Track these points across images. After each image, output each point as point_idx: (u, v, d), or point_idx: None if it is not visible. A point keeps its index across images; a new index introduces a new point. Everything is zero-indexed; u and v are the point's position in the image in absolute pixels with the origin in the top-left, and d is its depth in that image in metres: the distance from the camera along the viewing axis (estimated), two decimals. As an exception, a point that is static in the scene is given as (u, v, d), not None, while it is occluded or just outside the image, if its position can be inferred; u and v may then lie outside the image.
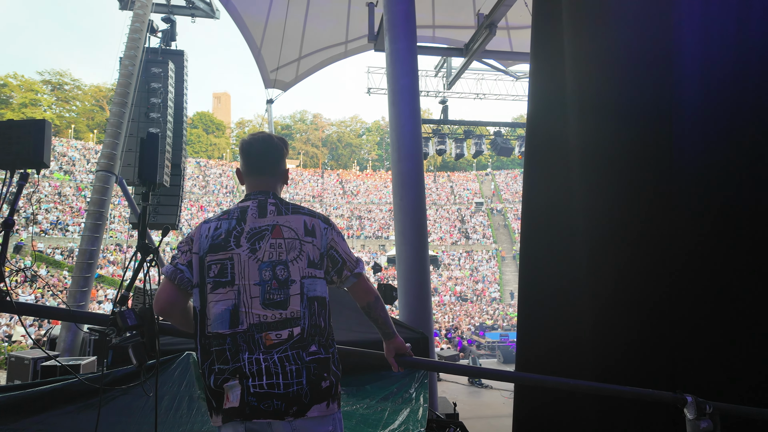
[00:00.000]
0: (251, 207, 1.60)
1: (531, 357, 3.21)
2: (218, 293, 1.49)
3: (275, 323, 1.47)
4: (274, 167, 1.69)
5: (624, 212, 2.69)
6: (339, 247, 1.63)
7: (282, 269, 1.50)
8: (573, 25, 3.05)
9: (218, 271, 1.51)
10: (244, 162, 1.69)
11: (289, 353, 1.45)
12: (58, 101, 52.32)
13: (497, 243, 40.65)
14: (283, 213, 1.59)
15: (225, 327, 1.47)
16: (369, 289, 1.71)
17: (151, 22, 10.76)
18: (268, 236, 1.53)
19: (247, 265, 1.50)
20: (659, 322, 2.49)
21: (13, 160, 1.98)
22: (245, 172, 1.69)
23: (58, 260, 25.50)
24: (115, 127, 8.62)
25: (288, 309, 1.48)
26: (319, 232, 1.59)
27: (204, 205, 38.37)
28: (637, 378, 2.35)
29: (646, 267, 2.58)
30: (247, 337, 1.45)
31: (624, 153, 2.70)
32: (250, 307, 1.47)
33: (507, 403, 8.68)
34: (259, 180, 1.67)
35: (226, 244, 1.53)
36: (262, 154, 1.67)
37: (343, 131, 70.09)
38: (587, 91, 2.93)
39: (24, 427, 2.52)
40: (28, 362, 5.58)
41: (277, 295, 1.48)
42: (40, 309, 2.54)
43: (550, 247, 3.16)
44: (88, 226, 8.39)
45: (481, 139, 15.13)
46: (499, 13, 9.23)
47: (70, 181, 33.76)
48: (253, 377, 1.42)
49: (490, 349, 17.90)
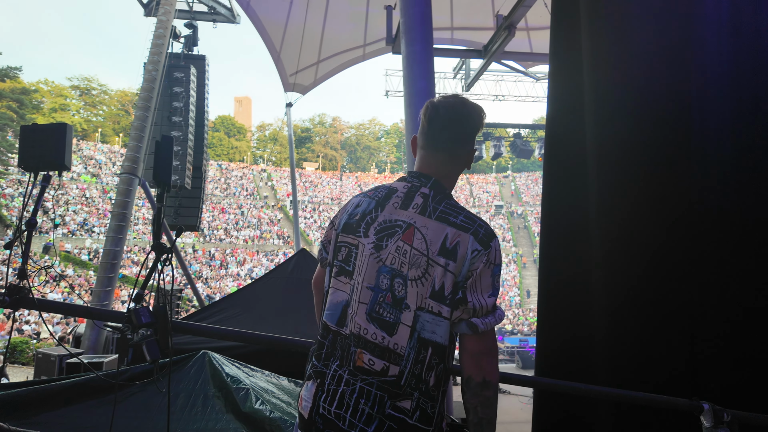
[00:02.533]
0: (399, 192, 1.27)
1: (549, 361, 3.17)
2: (340, 280, 1.27)
3: (374, 345, 1.16)
4: (456, 143, 1.28)
5: (642, 215, 2.64)
6: (476, 281, 1.16)
7: (400, 284, 1.16)
8: (591, 25, 3.01)
9: (345, 256, 1.26)
10: (421, 128, 1.31)
11: (372, 390, 1.14)
12: (85, 106, 53.99)
13: (517, 246, 40.21)
14: (426, 213, 1.20)
15: (333, 321, 1.25)
16: (482, 357, 1.17)
17: (174, 28, 11.04)
18: (398, 235, 1.19)
19: (368, 262, 1.21)
20: (677, 326, 2.44)
21: (37, 163, 2.05)
22: (420, 143, 1.32)
23: (84, 260, 26.25)
24: (138, 130, 8.84)
25: (393, 338, 1.15)
26: (461, 255, 1.15)
27: (225, 207, 39.00)
28: (653, 383, 2.30)
29: (666, 271, 2.53)
30: (345, 344, 1.20)
31: (642, 155, 2.65)
32: (355, 313, 1.20)
33: (525, 408, 8.57)
34: (431, 156, 1.29)
35: (357, 227, 1.26)
36: (447, 121, 1.26)
37: (361, 134, 70.41)
38: (604, 93, 2.88)
39: (46, 420, 2.60)
40: (54, 359, 5.75)
41: (388, 313, 1.17)
42: (58, 306, 2.64)
43: (568, 251, 3.11)
44: (112, 227, 8.62)
45: (500, 141, 15.00)
46: (518, 14, 9.15)
47: (96, 183, 34.75)
48: (326, 396, 1.18)
49: (509, 354, 17.71)
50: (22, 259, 1.95)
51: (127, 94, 55.06)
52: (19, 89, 31.24)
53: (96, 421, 2.60)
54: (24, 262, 1.94)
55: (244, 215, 38.17)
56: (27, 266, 1.90)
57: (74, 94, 53.37)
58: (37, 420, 2.59)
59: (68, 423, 2.65)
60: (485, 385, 1.16)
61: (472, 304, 1.15)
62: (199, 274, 29.01)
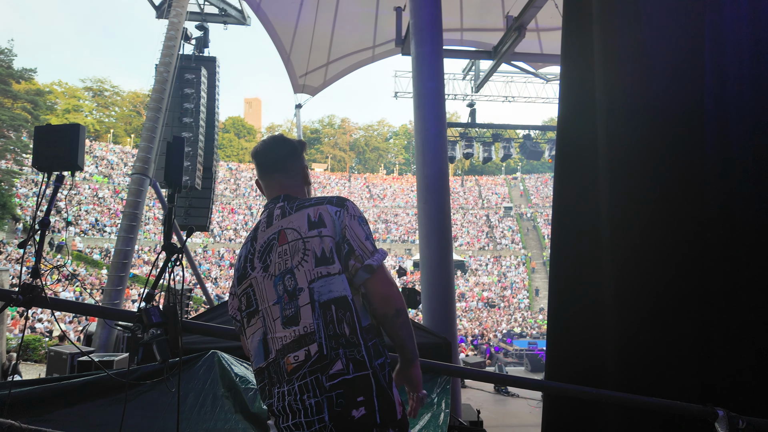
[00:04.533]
0: (262, 219, 1.44)
1: (559, 366, 3.14)
2: (252, 324, 1.37)
3: (292, 343, 1.25)
4: (284, 162, 1.50)
5: (654, 217, 2.60)
6: (350, 232, 1.33)
7: (290, 278, 1.29)
8: (603, 25, 2.98)
9: (246, 303, 1.39)
10: (256, 168, 1.53)
11: (307, 380, 1.21)
12: (98, 107, 54.69)
13: (526, 249, 39.94)
14: (287, 214, 1.37)
15: (261, 360, 1.33)
16: (387, 294, 1.32)
17: (186, 30, 11.14)
18: (275, 246, 1.34)
19: (264, 286, 1.34)
20: (690, 331, 2.40)
21: (50, 163, 2.08)
22: (260, 180, 1.54)
23: (96, 260, 26.56)
24: (150, 131, 8.93)
25: (300, 324, 1.25)
26: (329, 219, 1.32)
27: (234, 208, 39.26)
28: (667, 389, 2.26)
29: (678, 273, 2.49)
30: (275, 366, 1.28)
31: (653, 157, 2.61)
32: (274, 332, 1.30)
33: (534, 412, 8.49)
34: (273, 181, 1.50)
35: (245, 271, 1.41)
36: (268, 149, 1.51)
37: (370, 135, 70.48)
38: (616, 94, 2.85)
39: (57, 418, 2.63)
40: (66, 357, 5.81)
41: (290, 309, 1.28)
42: (70, 304, 2.66)
43: (579, 254, 3.08)
44: (123, 227, 8.71)
45: (509, 143, 14.91)
46: (528, 14, 9.11)
47: (108, 183, 35.16)
48: (282, 416, 1.25)
49: (518, 357, 17.58)
50: (35, 258, 1.98)
51: (139, 96, 55.70)
52: (33, 91, 31.69)
53: (106, 420, 2.62)
54: (37, 261, 1.96)
55: (253, 216, 38.40)
56: (40, 265, 1.92)
57: (87, 96, 54.10)
58: (48, 417, 2.62)
59: (79, 421, 2.68)
60: (398, 314, 1.32)
61: (359, 250, 1.32)
62: (209, 274, 29.22)
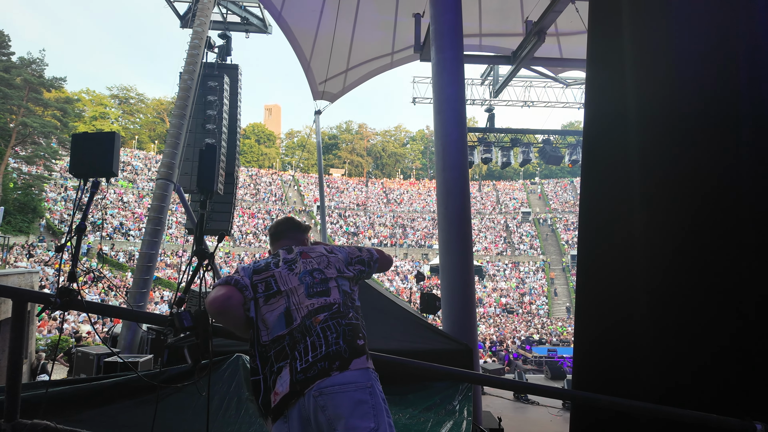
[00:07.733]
0: (280, 251, 1.95)
1: (588, 374, 3.07)
2: (270, 303, 1.74)
3: (321, 307, 1.73)
4: (296, 230, 2.10)
5: (688, 226, 2.54)
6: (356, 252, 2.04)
7: (318, 273, 1.84)
8: (634, 28, 2.90)
9: (265, 287, 1.78)
10: (270, 236, 2.12)
11: (330, 323, 1.69)
12: (124, 114, 56.13)
13: (545, 254, 39.39)
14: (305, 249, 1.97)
15: (282, 328, 1.69)
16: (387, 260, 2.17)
17: (209, 38, 11.36)
18: (299, 260, 1.89)
19: (288, 277, 1.81)
20: (726, 341, 2.33)
21: (87, 170, 2.15)
22: (272, 241, 2.10)
23: (120, 263, 27.17)
24: (174, 138, 9.11)
25: (330, 296, 1.78)
26: (338, 250, 2.01)
27: (254, 212, 39.73)
28: (702, 401, 2.20)
29: (714, 282, 2.42)
30: (301, 327, 1.68)
31: (689, 164, 2.55)
32: (300, 303, 1.74)
33: (555, 420, 8.33)
34: (284, 241, 2.05)
35: (267, 267, 1.85)
36: (283, 223, 2.13)
37: (387, 140, 70.59)
38: (648, 97, 2.78)
39: (86, 419, 2.69)
40: (93, 358, 5.95)
41: (319, 287, 1.79)
42: (106, 308, 2.73)
43: (609, 262, 3.01)
44: (148, 231, 8.89)
45: (528, 147, 14.77)
46: (548, 19, 9.04)
47: (132, 188, 36.00)
48: (300, 357, 1.61)
49: (537, 364, 17.30)
50: (72, 263, 2.04)
51: (163, 103, 56.96)
52: (63, 99, 32.70)
53: (135, 421, 2.68)
54: (74, 265, 2.02)
55: (273, 220, 38.79)
56: (77, 269, 1.98)
57: (113, 103, 55.59)
58: (79, 418, 2.68)
59: (108, 421, 2.74)
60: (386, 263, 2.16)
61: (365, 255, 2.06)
62: (229, 277, 29.55)
